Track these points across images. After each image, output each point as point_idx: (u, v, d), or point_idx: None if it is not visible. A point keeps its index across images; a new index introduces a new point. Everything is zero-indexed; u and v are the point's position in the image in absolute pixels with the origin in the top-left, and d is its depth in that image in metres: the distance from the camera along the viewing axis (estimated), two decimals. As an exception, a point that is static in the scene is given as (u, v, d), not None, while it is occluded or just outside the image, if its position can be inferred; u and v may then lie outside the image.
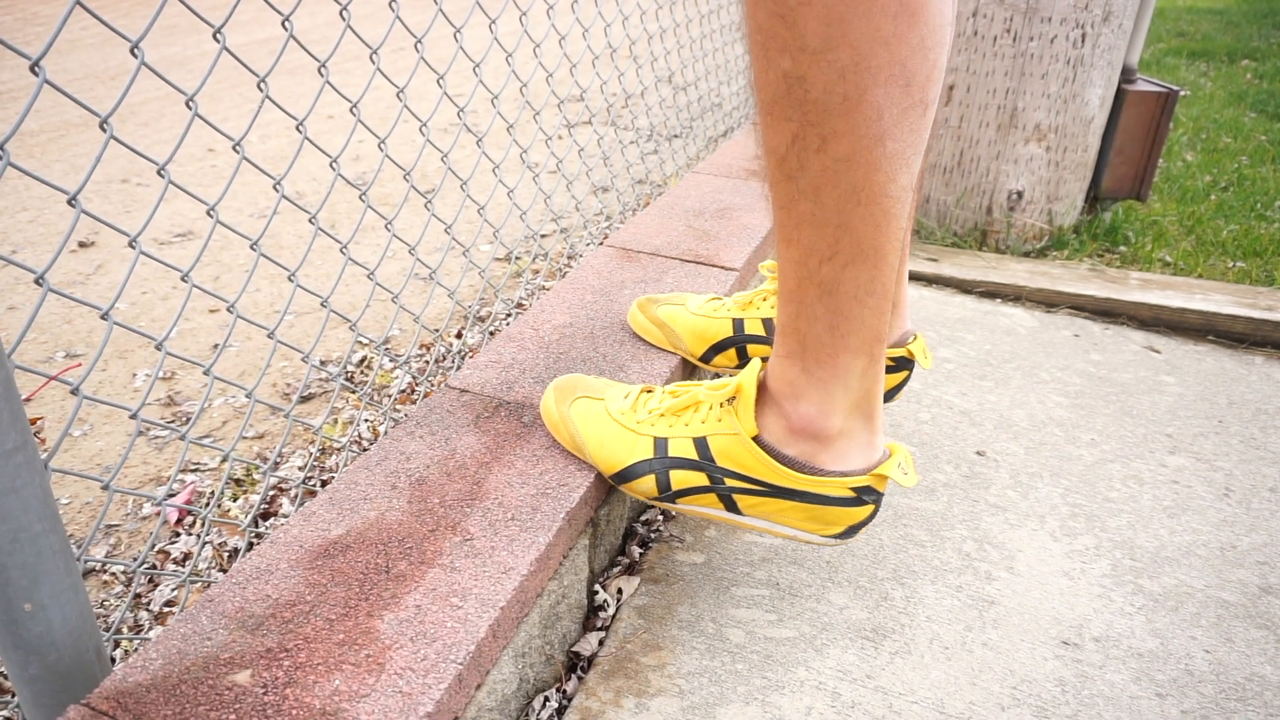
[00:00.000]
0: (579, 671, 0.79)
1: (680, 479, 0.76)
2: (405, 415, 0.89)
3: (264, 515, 1.08)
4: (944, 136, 1.67)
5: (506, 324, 1.52)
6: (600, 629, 0.83)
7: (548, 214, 2.02)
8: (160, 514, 0.94)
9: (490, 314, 1.49)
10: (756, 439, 0.73)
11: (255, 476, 1.17)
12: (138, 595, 0.98)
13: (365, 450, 0.95)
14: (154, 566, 1.01)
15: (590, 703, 0.74)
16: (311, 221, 0.88)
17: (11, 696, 0.85)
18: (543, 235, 1.98)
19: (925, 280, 1.57)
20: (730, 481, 0.75)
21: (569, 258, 1.79)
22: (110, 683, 0.59)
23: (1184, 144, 2.52)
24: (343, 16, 0.84)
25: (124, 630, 0.93)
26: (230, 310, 0.82)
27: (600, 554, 0.88)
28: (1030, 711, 0.73)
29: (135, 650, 0.63)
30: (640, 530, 0.96)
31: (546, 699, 0.75)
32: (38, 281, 0.59)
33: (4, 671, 0.87)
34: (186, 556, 1.03)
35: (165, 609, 0.96)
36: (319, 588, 0.67)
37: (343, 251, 0.92)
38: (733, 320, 0.99)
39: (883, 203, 0.61)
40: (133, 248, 0.68)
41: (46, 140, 2.66)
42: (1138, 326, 1.42)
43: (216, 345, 1.40)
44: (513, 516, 0.75)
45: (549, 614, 0.76)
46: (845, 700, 0.74)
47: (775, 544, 0.93)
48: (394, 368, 1.42)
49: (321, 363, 1.45)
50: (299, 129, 0.85)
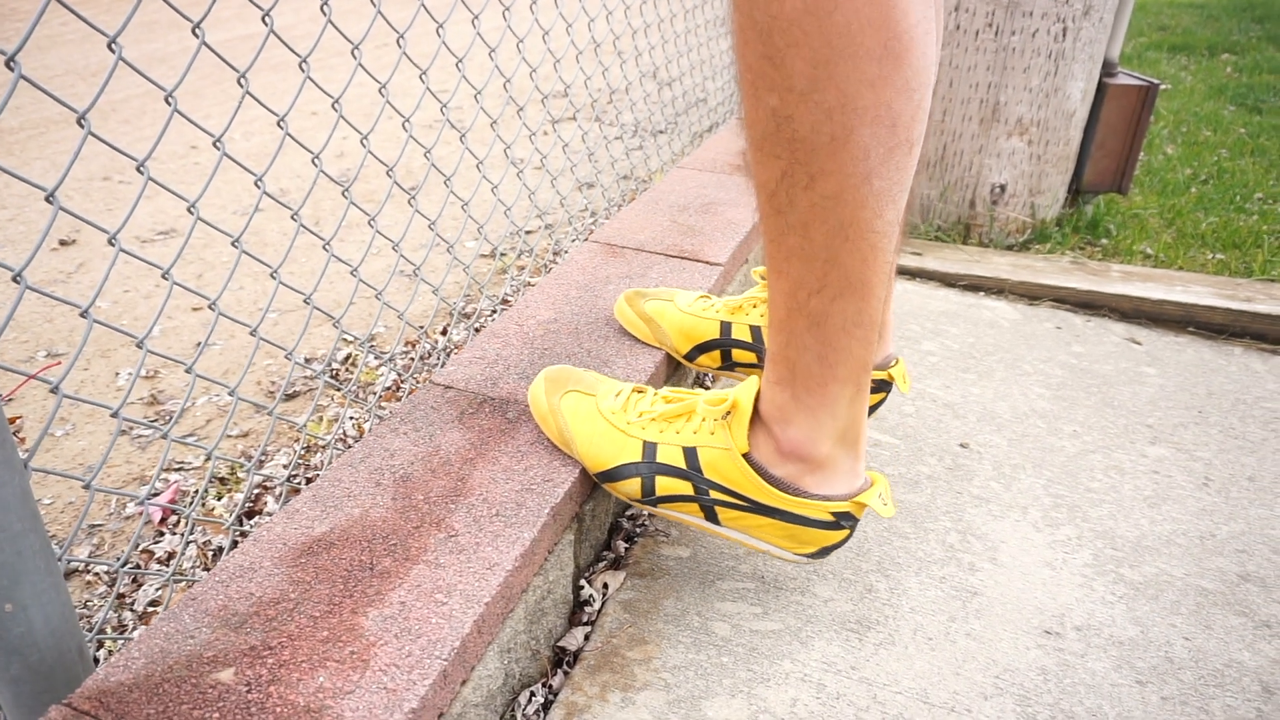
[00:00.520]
0: (565, 666, 0.80)
1: (665, 485, 0.77)
2: (390, 412, 0.89)
3: (248, 514, 1.08)
4: (927, 131, 1.68)
5: (492, 320, 1.51)
6: (586, 624, 0.83)
7: (533, 210, 2.02)
8: (143, 513, 0.93)
9: (476, 311, 1.49)
10: (747, 456, 0.74)
11: (239, 475, 1.16)
12: (121, 595, 0.97)
13: (350, 448, 0.95)
14: (138, 566, 1.01)
15: (576, 697, 0.74)
16: (294, 218, 0.87)
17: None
18: (528, 231, 1.97)
19: (909, 274, 1.57)
20: (715, 494, 0.76)
21: (554, 254, 1.79)
22: (92, 682, 0.58)
23: (1165, 137, 2.54)
24: (323, 12, 0.84)
25: (108, 630, 0.92)
26: (212, 308, 0.82)
27: (586, 549, 0.88)
28: (1013, 700, 0.74)
29: (118, 650, 0.62)
30: (626, 525, 0.96)
31: (532, 694, 0.76)
32: (15, 279, 0.58)
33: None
34: (170, 556, 1.02)
35: (149, 609, 0.95)
36: (303, 585, 0.66)
37: (326, 248, 0.92)
38: (721, 323, 0.99)
39: (870, 238, 0.62)
40: (112, 245, 0.68)
41: (26, 138, 2.63)
42: (1119, 318, 1.43)
43: (199, 343, 1.39)
44: (497, 512, 0.75)
45: (534, 609, 0.76)
46: (830, 692, 0.74)
47: (760, 537, 0.93)
48: (379, 365, 1.42)
49: (306, 360, 1.45)
50: (280, 125, 0.85)
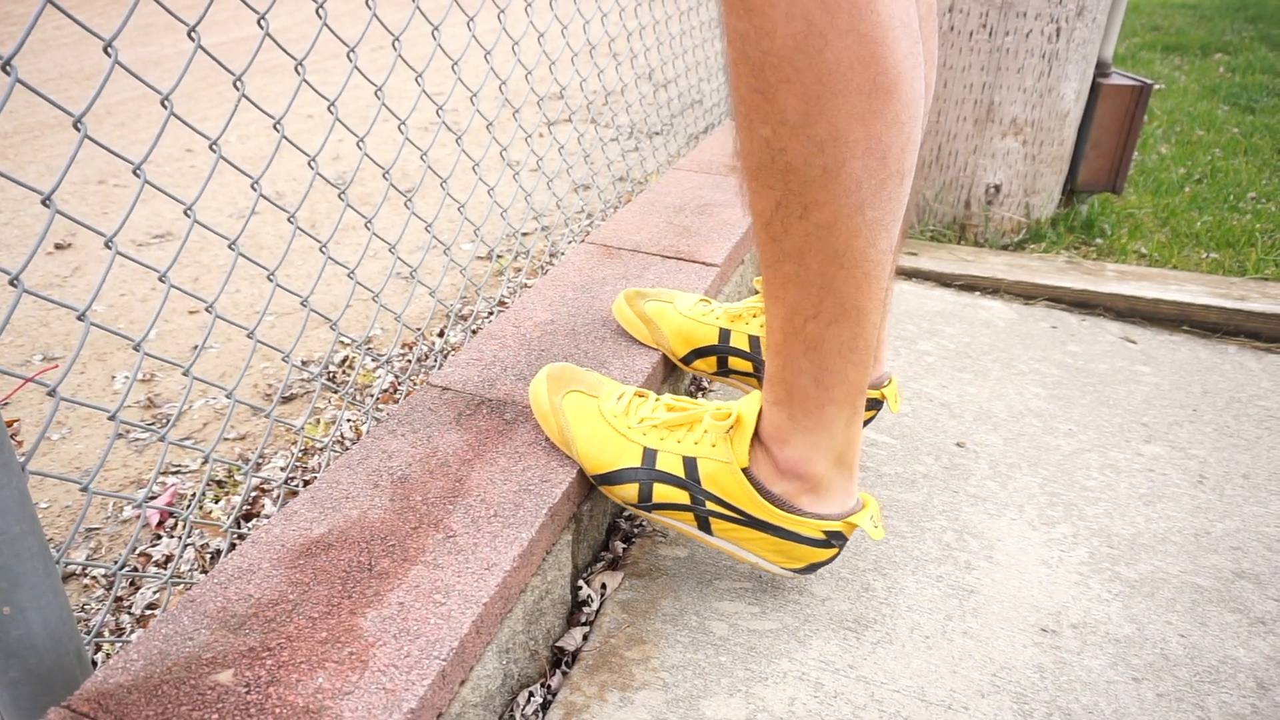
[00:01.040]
0: (563, 666, 0.80)
1: (663, 493, 0.78)
2: (387, 414, 0.89)
3: (246, 516, 1.08)
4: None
5: (489, 322, 1.51)
6: (584, 624, 0.84)
7: (529, 212, 2.02)
8: (141, 516, 0.93)
9: (472, 312, 1.49)
10: (746, 471, 0.75)
11: (237, 478, 1.16)
12: (119, 598, 0.97)
13: (348, 450, 0.95)
14: (135, 569, 1.01)
15: (575, 697, 0.74)
16: (291, 221, 0.87)
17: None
18: (524, 233, 1.97)
19: (905, 274, 1.58)
20: (711, 505, 0.77)
21: (551, 255, 1.79)
22: (91, 684, 0.58)
23: (1158, 137, 2.55)
24: (319, 14, 0.84)
25: (105, 633, 0.92)
26: (209, 310, 0.82)
27: (583, 549, 0.89)
28: (1010, 698, 0.74)
29: (117, 652, 0.62)
30: (623, 525, 0.97)
31: (531, 694, 0.76)
32: (12, 283, 0.59)
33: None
34: (168, 559, 1.02)
35: (147, 612, 0.95)
36: (301, 586, 0.67)
37: (322, 251, 0.92)
38: (720, 329, 1.00)
39: (864, 266, 0.63)
40: (109, 248, 0.68)
41: (21, 141, 2.63)
42: (1114, 317, 1.44)
43: (197, 346, 1.39)
44: (495, 513, 0.75)
45: (533, 610, 0.76)
46: (828, 690, 0.75)
47: (758, 537, 0.93)
48: (376, 367, 1.42)
49: (303, 363, 1.45)
50: (276, 128, 0.85)
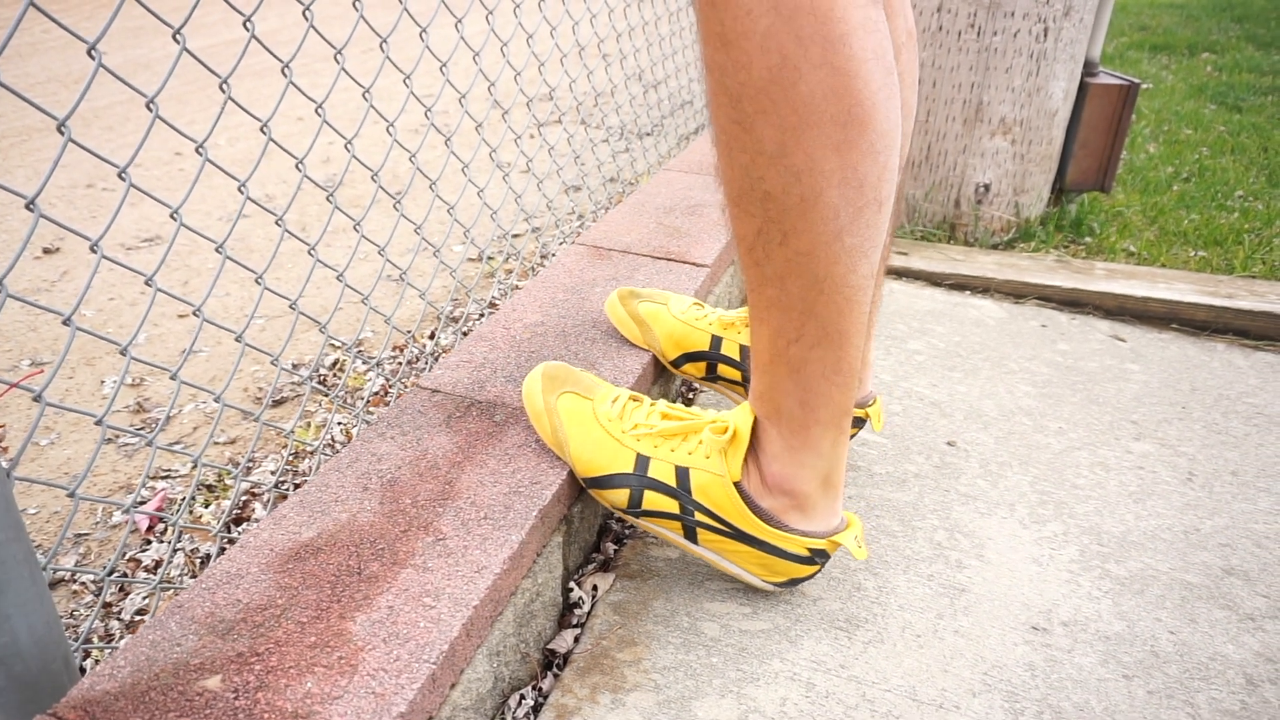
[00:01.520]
0: (555, 669, 0.79)
1: (653, 500, 0.78)
2: (378, 417, 0.89)
3: (236, 520, 1.07)
4: (911, 131, 1.69)
5: (479, 324, 1.51)
6: (576, 626, 0.83)
7: (519, 213, 2.02)
8: (130, 521, 0.93)
9: (463, 314, 1.49)
10: (738, 485, 0.75)
11: (227, 482, 1.16)
12: (108, 604, 0.96)
13: (338, 453, 0.94)
14: (124, 575, 1.00)
15: (566, 699, 0.74)
16: (279, 223, 0.87)
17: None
18: (514, 235, 1.97)
19: (895, 274, 1.58)
20: (700, 516, 0.77)
21: (541, 257, 1.79)
22: (78, 692, 0.58)
23: (1146, 136, 2.56)
24: (305, 17, 0.84)
25: (94, 640, 0.92)
26: (197, 314, 0.81)
27: (574, 551, 0.88)
28: (1001, 696, 0.75)
29: (104, 659, 0.62)
30: (614, 527, 0.96)
31: (522, 697, 0.75)
32: (-4, 287, 0.58)
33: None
34: (158, 564, 1.01)
35: (136, 618, 0.95)
36: (290, 591, 0.66)
37: (311, 253, 0.92)
38: (712, 336, 1.00)
39: (845, 291, 0.64)
40: (95, 252, 0.67)
41: (8, 146, 2.61)
42: (1103, 316, 1.45)
43: (185, 350, 1.38)
44: (485, 515, 0.75)
45: (523, 612, 0.76)
46: (819, 690, 0.75)
47: (749, 537, 0.93)
48: (366, 370, 1.41)
49: (293, 366, 1.44)
50: (264, 130, 0.84)
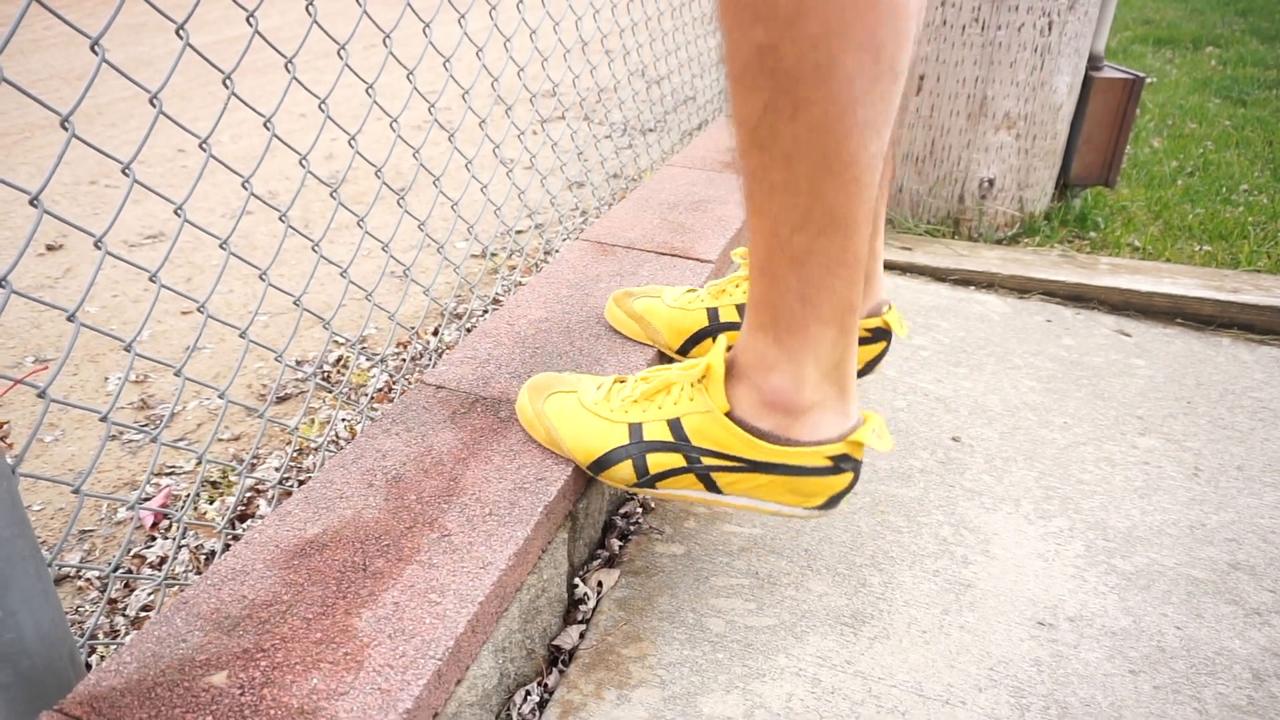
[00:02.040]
0: (560, 665, 0.79)
1: (657, 461, 0.76)
2: (382, 413, 0.89)
3: (240, 517, 1.08)
4: (915, 126, 1.69)
5: (483, 320, 1.51)
6: (581, 622, 0.83)
7: (523, 209, 2.02)
8: (135, 518, 0.93)
9: (467, 311, 1.48)
10: (729, 414, 0.73)
11: (231, 478, 1.16)
12: (113, 600, 0.97)
13: (342, 449, 0.94)
14: (129, 571, 1.00)
15: (572, 695, 0.74)
16: (283, 220, 0.87)
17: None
18: (518, 231, 1.97)
19: (899, 269, 1.58)
20: (707, 460, 0.74)
21: (545, 253, 1.79)
22: (84, 687, 0.58)
23: (1151, 130, 2.55)
24: (309, 13, 0.83)
25: (99, 636, 0.92)
26: (201, 311, 0.81)
27: (579, 547, 0.88)
28: (1007, 692, 0.74)
29: (110, 655, 0.62)
30: (619, 523, 0.96)
31: (528, 693, 0.75)
32: (1, 284, 0.58)
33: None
34: (162, 560, 1.02)
35: (141, 614, 0.95)
36: (296, 587, 0.66)
37: (315, 250, 0.92)
38: (707, 310, 0.99)
39: (854, 170, 0.61)
40: (98, 249, 0.67)
41: (11, 143, 2.62)
42: (1108, 311, 1.44)
43: (189, 347, 1.39)
44: (490, 512, 0.75)
45: (529, 608, 0.76)
46: (825, 686, 0.75)
47: (754, 533, 0.93)
48: (370, 366, 1.41)
49: (297, 363, 1.44)
50: (268, 127, 0.84)
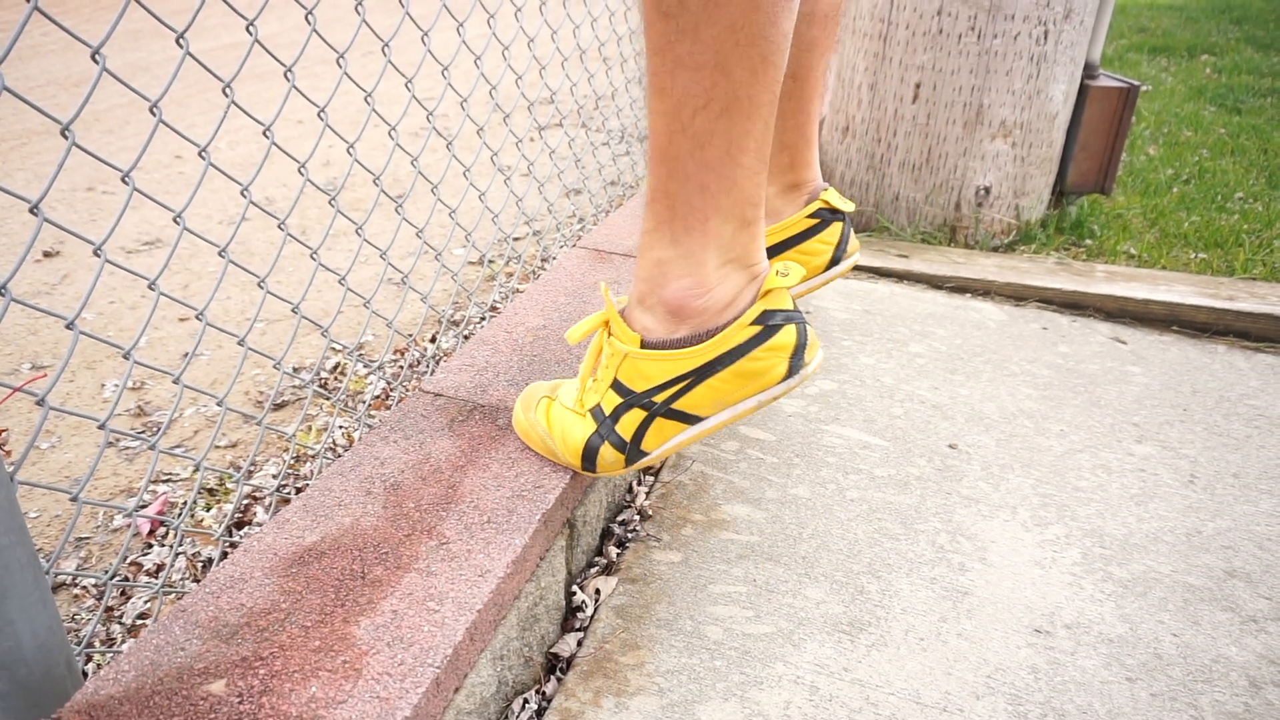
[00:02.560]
0: (558, 673, 0.79)
1: (624, 426, 0.75)
2: (380, 421, 0.89)
3: (238, 524, 1.07)
4: (912, 134, 1.69)
5: (480, 327, 1.51)
6: (579, 630, 0.83)
7: (520, 217, 2.02)
8: (132, 525, 0.93)
9: (464, 318, 1.49)
10: (644, 345, 0.72)
11: (229, 486, 1.16)
12: (110, 608, 0.96)
13: (340, 457, 0.95)
14: (126, 579, 1.00)
15: (570, 703, 0.74)
16: (281, 227, 0.87)
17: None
18: (516, 238, 1.97)
19: (896, 276, 1.58)
20: (659, 397, 0.73)
21: (543, 260, 1.79)
22: (81, 696, 0.58)
23: (1146, 138, 2.57)
24: (308, 20, 0.84)
25: (96, 644, 0.92)
26: (199, 318, 0.81)
27: (577, 555, 0.88)
28: (1004, 699, 0.75)
29: (108, 663, 0.62)
30: (617, 530, 0.96)
31: (526, 701, 0.75)
32: (0, 291, 0.58)
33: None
34: (159, 568, 1.01)
35: (138, 622, 0.95)
36: (294, 595, 0.66)
37: (313, 257, 0.92)
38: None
39: (760, 46, 0.61)
40: (98, 256, 0.67)
41: (8, 149, 2.61)
42: (1104, 318, 1.45)
43: (187, 354, 1.38)
44: (489, 519, 0.75)
45: (527, 616, 0.76)
46: (823, 693, 0.75)
47: (752, 541, 0.93)
48: (368, 373, 1.41)
49: (294, 370, 1.44)
50: (266, 134, 0.84)
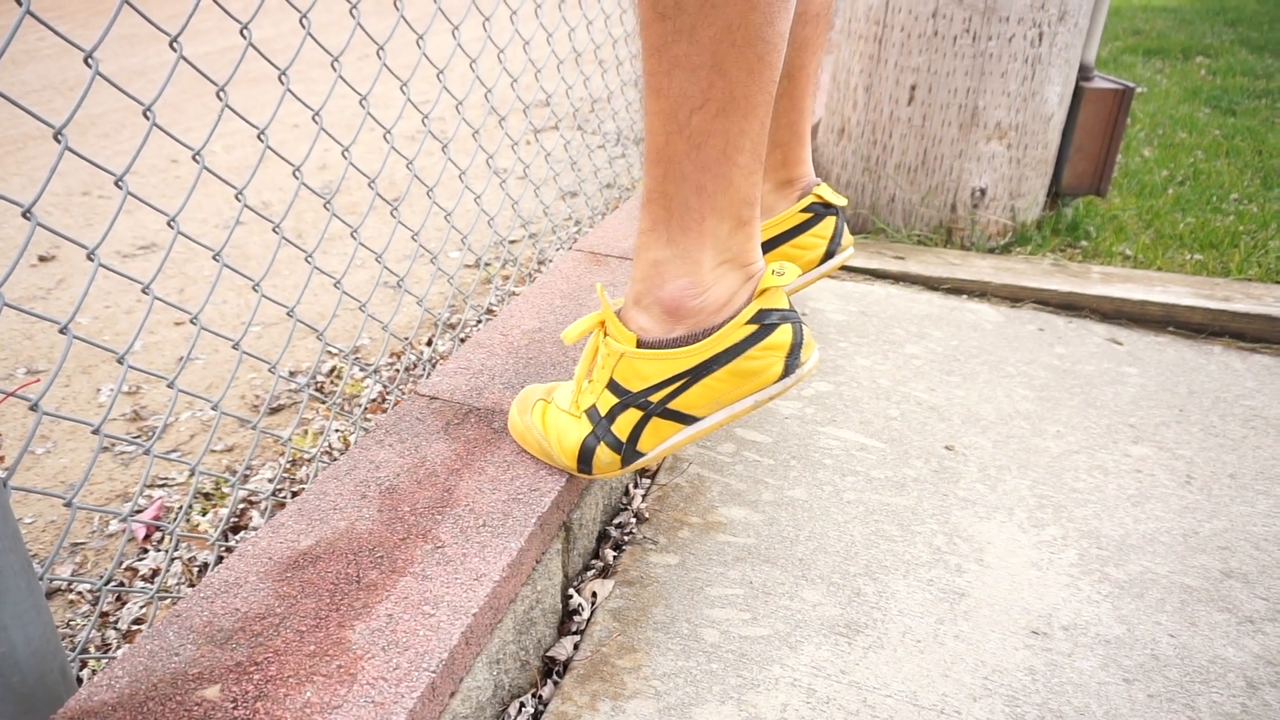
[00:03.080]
0: (554, 676, 0.79)
1: (620, 427, 0.75)
2: (375, 424, 0.89)
3: (234, 529, 1.07)
4: (907, 136, 1.69)
5: (476, 330, 1.51)
6: (575, 633, 0.83)
7: (516, 220, 2.02)
8: (127, 530, 0.92)
9: (460, 321, 1.48)
10: (641, 345, 0.72)
11: (224, 490, 1.15)
12: (105, 614, 0.96)
13: (336, 460, 0.94)
14: (121, 584, 1.00)
15: (566, 707, 0.74)
16: (276, 231, 0.87)
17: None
18: (512, 241, 1.97)
19: (892, 278, 1.58)
20: (655, 397, 0.73)
21: (539, 263, 1.79)
22: (75, 702, 0.58)
23: (1141, 140, 2.57)
24: (303, 24, 0.84)
25: (90, 649, 0.91)
26: (194, 322, 0.81)
27: (574, 558, 0.88)
28: (1002, 701, 0.74)
29: (102, 669, 0.62)
30: (614, 533, 0.96)
31: (522, 704, 0.75)
32: (-7, 296, 0.58)
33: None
34: (155, 573, 1.01)
35: (133, 627, 0.94)
36: (289, 599, 0.66)
37: (308, 261, 0.92)
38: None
39: (757, 46, 0.62)
40: (92, 260, 0.67)
41: (4, 154, 2.61)
42: (1100, 319, 1.45)
43: (182, 358, 1.38)
44: (484, 523, 0.74)
45: (523, 619, 0.76)
46: (820, 696, 0.75)
47: (748, 543, 0.93)
48: (364, 377, 1.41)
49: (290, 374, 1.44)
50: (261, 138, 0.84)
